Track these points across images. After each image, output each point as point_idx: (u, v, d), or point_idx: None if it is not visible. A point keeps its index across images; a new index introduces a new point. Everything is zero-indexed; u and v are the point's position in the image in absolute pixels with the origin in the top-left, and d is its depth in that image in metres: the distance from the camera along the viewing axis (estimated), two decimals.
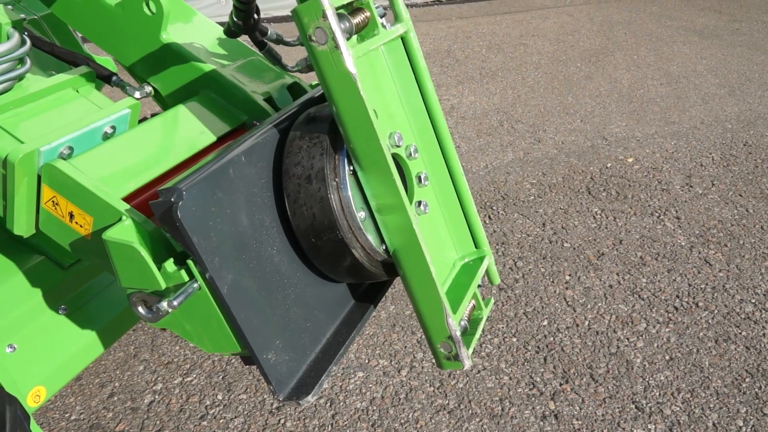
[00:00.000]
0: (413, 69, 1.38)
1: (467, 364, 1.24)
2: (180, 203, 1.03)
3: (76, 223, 1.22)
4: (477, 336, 1.35)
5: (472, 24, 7.40)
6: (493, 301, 1.46)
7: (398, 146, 1.34)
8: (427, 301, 1.20)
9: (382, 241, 1.23)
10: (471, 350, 1.28)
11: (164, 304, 1.08)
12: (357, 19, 1.20)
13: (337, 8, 1.12)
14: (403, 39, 1.35)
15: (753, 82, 5.31)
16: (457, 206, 1.47)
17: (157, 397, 2.29)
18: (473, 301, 1.40)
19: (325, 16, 1.03)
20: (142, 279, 1.12)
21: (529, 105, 4.94)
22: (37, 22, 2.00)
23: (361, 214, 1.21)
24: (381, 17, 1.29)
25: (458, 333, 1.22)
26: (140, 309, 1.14)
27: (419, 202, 1.37)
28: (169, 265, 1.10)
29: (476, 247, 1.50)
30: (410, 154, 1.38)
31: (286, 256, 1.26)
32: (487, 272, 1.54)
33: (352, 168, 1.20)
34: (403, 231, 1.17)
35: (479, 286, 1.49)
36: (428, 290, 1.20)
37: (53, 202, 1.23)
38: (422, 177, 1.40)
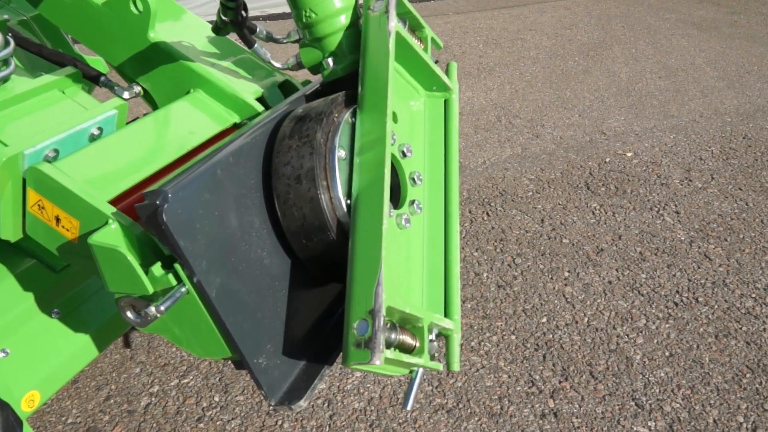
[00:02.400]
0: (446, 126, 1.51)
1: (377, 358, 0.97)
2: (165, 206, 1.01)
3: (63, 227, 1.20)
4: (402, 359, 1.05)
5: (469, 19, 7.36)
6: (441, 368, 1.22)
7: (406, 155, 1.35)
8: (364, 259, 1.06)
9: (349, 195, 1.18)
10: (385, 356, 1.00)
11: (152, 309, 1.06)
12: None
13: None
14: (446, 101, 1.53)
15: (752, 74, 5.28)
16: (441, 264, 1.35)
17: (153, 399, 2.27)
18: (418, 342, 1.11)
19: None
20: (130, 283, 1.10)
21: (527, 100, 4.91)
22: (27, 23, 1.98)
23: (341, 153, 1.21)
24: (434, 62, 1.51)
25: (383, 312, 1.00)
26: (129, 314, 1.13)
27: (400, 215, 1.30)
28: (157, 269, 1.08)
29: (446, 316, 1.31)
30: (413, 180, 1.38)
31: (277, 257, 1.24)
32: (448, 350, 1.28)
33: (353, 119, 1.27)
34: (374, 166, 1.15)
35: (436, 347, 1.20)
36: (371, 245, 1.06)
37: (39, 205, 1.20)
38: (416, 203, 1.36)
